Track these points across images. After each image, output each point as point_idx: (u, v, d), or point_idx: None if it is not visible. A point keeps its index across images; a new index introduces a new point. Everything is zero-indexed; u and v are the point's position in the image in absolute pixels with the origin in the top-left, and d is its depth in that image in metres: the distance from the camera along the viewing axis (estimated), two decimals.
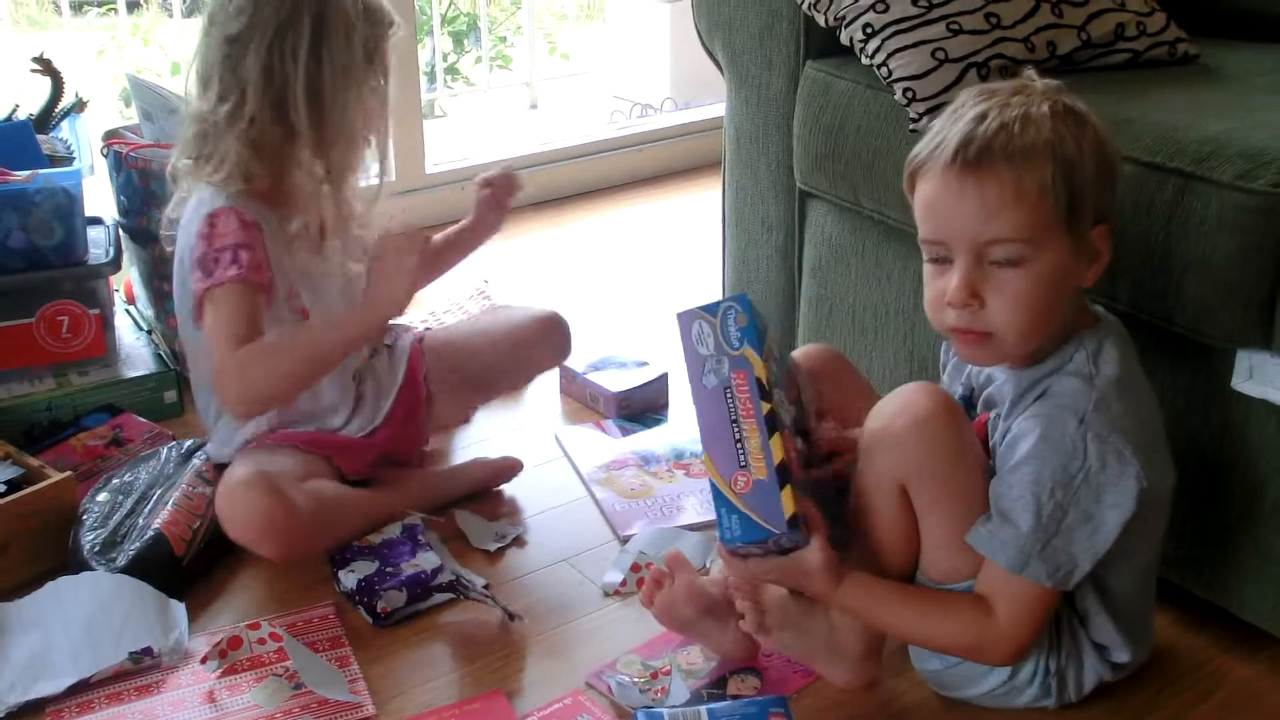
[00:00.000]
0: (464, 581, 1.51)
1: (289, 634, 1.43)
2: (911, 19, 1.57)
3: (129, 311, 2.15)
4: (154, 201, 1.94)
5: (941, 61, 1.54)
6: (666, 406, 2.04)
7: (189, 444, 1.74)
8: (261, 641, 1.43)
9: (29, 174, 1.80)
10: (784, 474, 1.19)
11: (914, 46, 1.56)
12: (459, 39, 4.38)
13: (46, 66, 2.12)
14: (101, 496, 1.62)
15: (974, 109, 1.22)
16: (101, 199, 2.11)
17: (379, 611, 1.49)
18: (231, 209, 1.51)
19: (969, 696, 1.35)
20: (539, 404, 2.06)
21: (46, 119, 2.11)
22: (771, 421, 1.20)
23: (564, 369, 2.08)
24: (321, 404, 1.68)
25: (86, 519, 1.57)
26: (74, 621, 1.43)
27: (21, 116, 2.06)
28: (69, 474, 1.62)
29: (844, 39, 1.65)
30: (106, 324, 1.94)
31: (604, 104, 3.68)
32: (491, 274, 2.44)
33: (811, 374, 1.43)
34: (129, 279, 2.18)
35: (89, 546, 1.52)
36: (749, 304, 1.24)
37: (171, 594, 1.50)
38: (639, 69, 3.73)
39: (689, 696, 1.37)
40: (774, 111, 1.85)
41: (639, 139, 3.22)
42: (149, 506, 1.59)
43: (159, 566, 1.51)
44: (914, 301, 1.66)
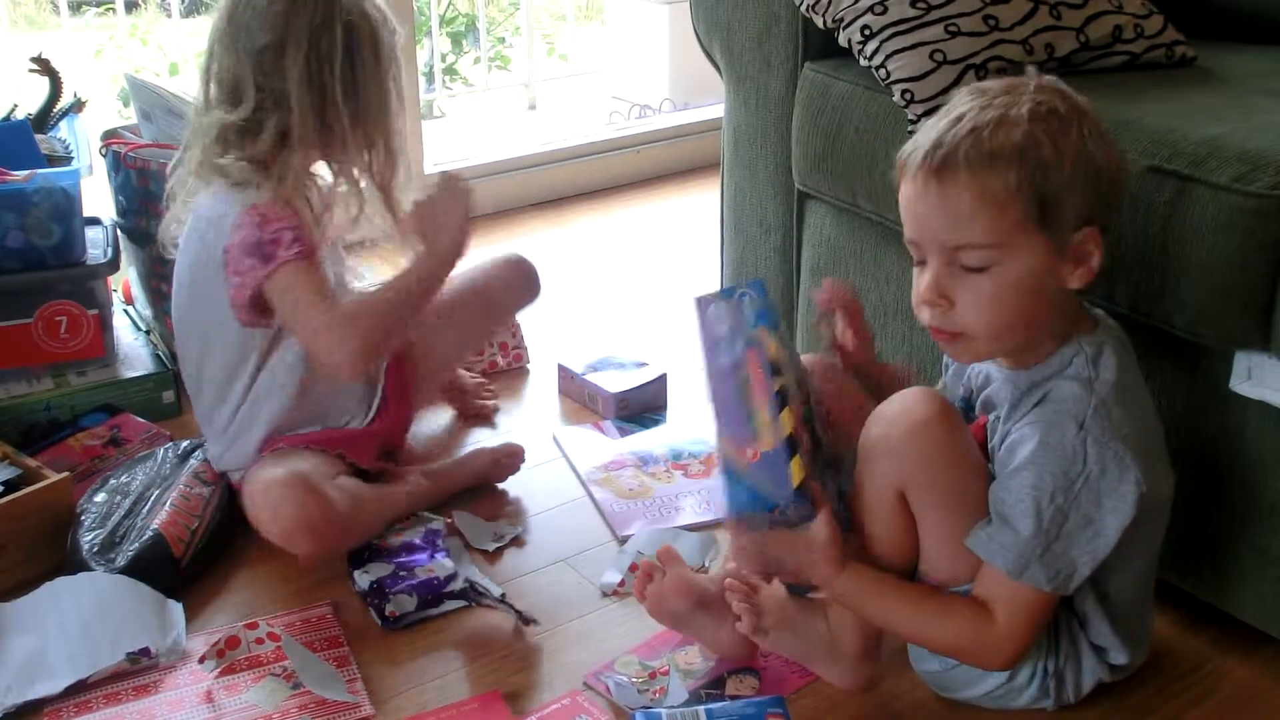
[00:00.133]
0: (478, 589, 1.52)
1: (287, 634, 1.43)
2: (910, 21, 1.57)
3: (127, 312, 2.15)
4: (152, 202, 1.94)
5: (940, 63, 1.54)
6: (665, 407, 2.04)
7: (186, 444, 1.74)
8: (259, 641, 1.43)
9: (27, 174, 1.80)
10: (792, 445, 1.21)
11: (912, 48, 1.56)
12: (457, 40, 4.38)
13: (45, 66, 2.11)
14: (99, 497, 1.61)
15: (956, 110, 1.22)
16: (100, 199, 2.11)
17: (387, 614, 1.49)
18: (271, 201, 1.56)
19: (968, 698, 1.35)
20: (537, 404, 2.06)
21: (45, 119, 2.11)
22: (781, 397, 1.23)
23: (562, 369, 2.08)
24: (339, 401, 1.69)
25: (85, 519, 1.57)
26: (71, 622, 1.43)
27: (20, 116, 2.06)
28: (66, 475, 1.61)
29: (842, 41, 1.65)
30: (105, 324, 1.94)
31: (602, 105, 3.68)
32: None
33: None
34: (127, 279, 2.18)
35: (87, 547, 1.52)
36: (764, 289, 1.29)
37: (169, 594, 1.50)
38: (637, 70, 3.73)
39: (687, 697, 1.37)
40: (772, 113, 1.85)
41: (637, 140, 3.21)
42: (147, 507, 1.59)
43: (157, 567, 1.51)
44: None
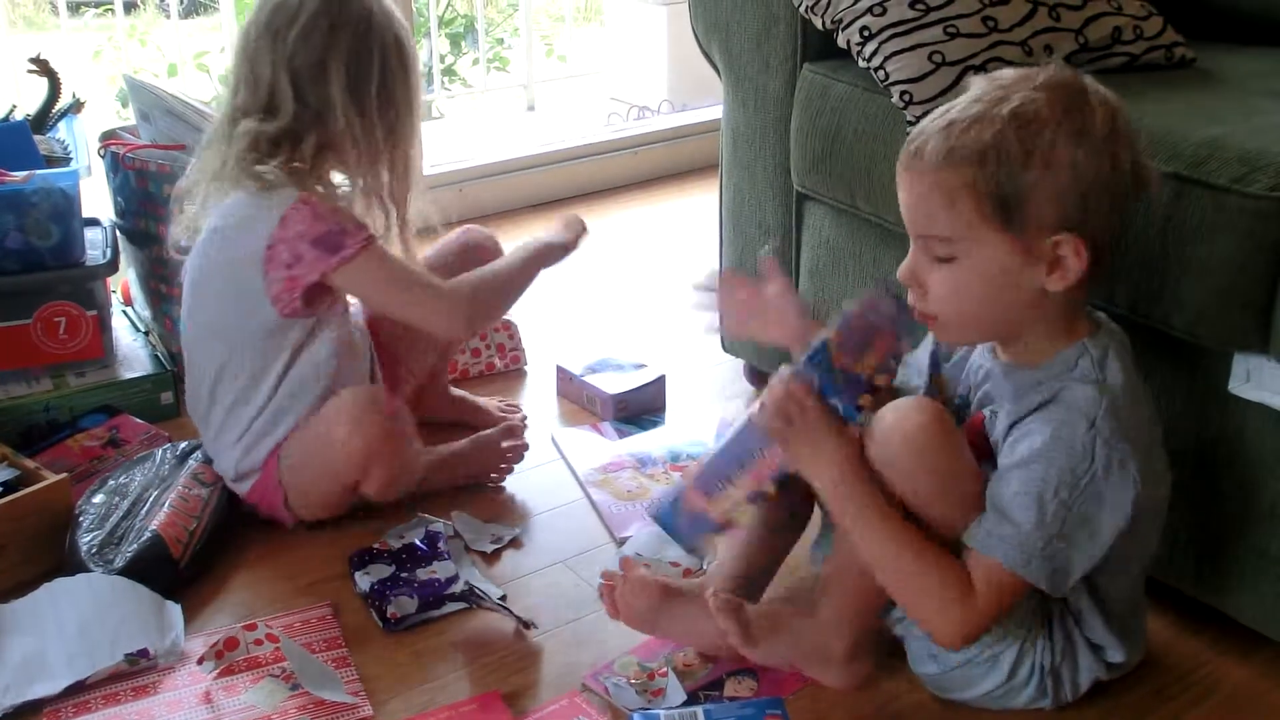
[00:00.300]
0: (478, 592, 1.52)
1: (286, 635, 1.43)
2: (909, 22, 1.57)
3: (126, 313, 2.15)
4: (151, 203, 1.94)
5: (939, 65, 1.54)
6: (663, 409, 2.04)
7: (184, 445, 1.74)
8: (258, 642, 1.43)
9: (26, 175, 1.80)
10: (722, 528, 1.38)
11: (911, 49, 1.56)
12: (456, 41, 4.38)
13: (43, 67, 2.11)
14: (98, 498, 1.61)
15: (956, 100, 1.25)
16: (99, 200, 2.11)
17: (388, 616, 1.49)
18: (316, 196, 1.59)
19: (966, 699, 1.35)
20: (536, 406, 2.05)
21: (44, 120, 2.11)
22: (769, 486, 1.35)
23: (561, 371, 2.08)
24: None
25: (83, 520, 1.57)
26: (70, 623, 1.43)
27: (19, 117, 2.06)
28: (65, 475, 1.61)
29: (841, 42, 1.65)
30: (104, 325, 1.93)
31: (601, 106, 3.68)
32: None
33: None
34: (126, 280, 2.18)
35: (86, 548, 1.52)
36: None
37: (168, 595, 1.50)
38: (636, 71, 3.73)
39: (685, 698, 1.37)
40: (771, 114, 1.85)
41: (636, 141, 3.21)
42: (145, 508, 1.59)
43: (156, 568, 1.51)
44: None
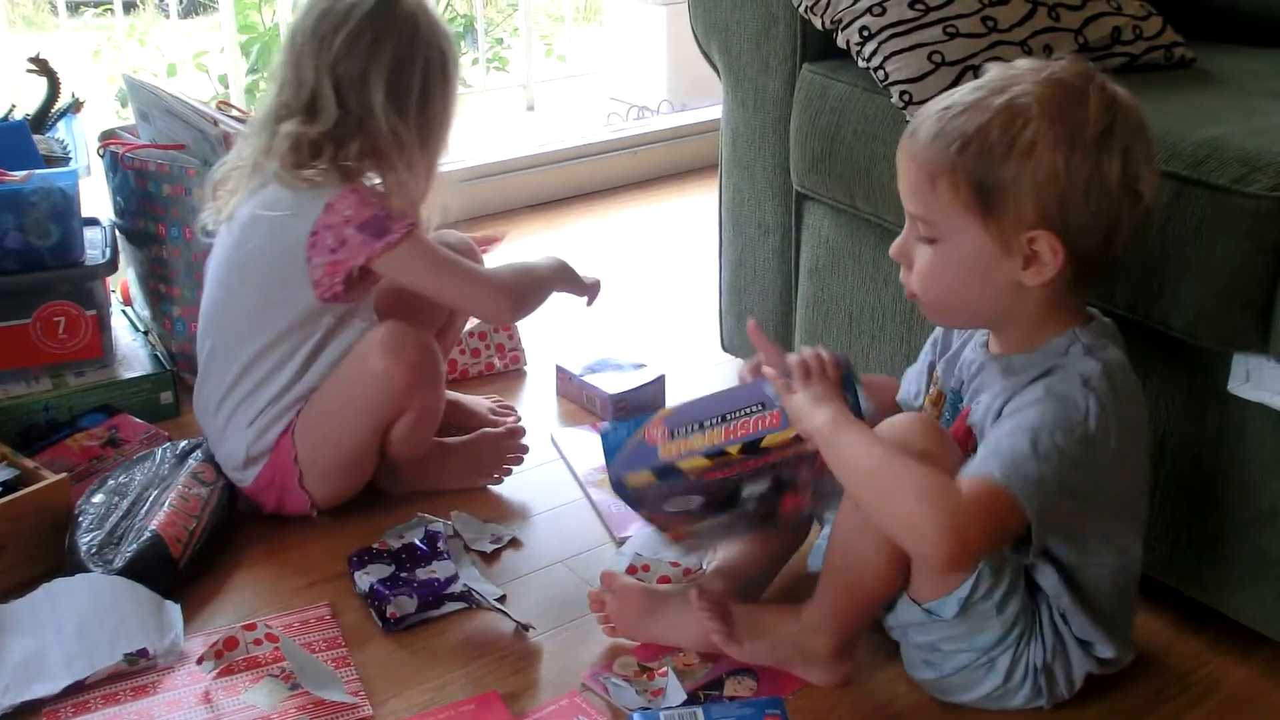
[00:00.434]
0: (477, 592, 1.52)
1: (285, 634, 1.43)
2: (908, 22, 1.58)
3: (125, 313, 2.15)
4: (150, 202, 1.94)
5: (938, 65, 1.54)
6: (663, 408, 2.03)
7: (184, 445, 1.74)
8: (258, 642, 1.43)
9: (25, 174, 1.80)
10: (669, 473, 1.38)
11: (911, 50, 1.56)
12: (455, 41, 4.38)
13: (43, 67, 2.11)
14: (97, 498, 1.61)
15: (966, 84, 1.27)
16: (98, 200, 2.11)
17: (388, 616, 1.49)
18: (362, 186, 1.63)
19: (964, 701, 1.36)
20: (535, 406, 2.05)
21: (43, 119, 2.11)
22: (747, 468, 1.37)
23: (560, 371, 2.08)
24: None
25: (83, 520, 1.57)
26: (69, 623, 1.43)
27: (18, 117, 2.06)
28: (64, 475, 1.61)
29: (841, 42, 1.65)
30: (103, 325, 1.93)
31: (601, 106, 3.68)
32: None
33: None
34: (125, 280, 2.18)
35: (85, 548, 1.52)
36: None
37: (167, 595, 1.50)
38: (636, 71, 3.73)
39: (685, 698, 1.37)
40: (771, 114, 1.85)
41: (635, 141, 3.21)
42: (145, 508, 1.59)
43: (155, 568, 1.51)
44: (911, 304, 1.66)
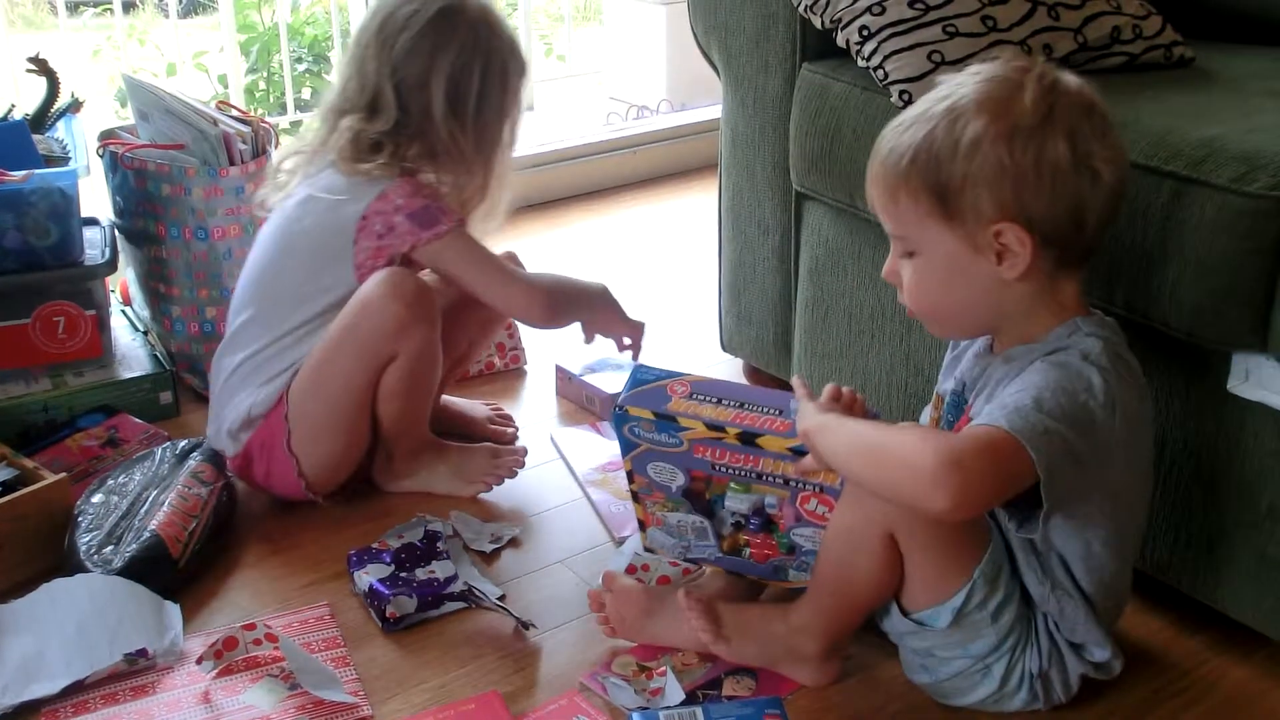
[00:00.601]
0: (476, 592, 1.52)
1: (285, 634, 1.43)
2: (908, 21, 1.58)
3: (125, 312, 2.15)
4: (150, 202, 1.94)
5: (938, 64, 1.54)
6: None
7: (184, 445, 1.74)
8: (257, 642, 1.43)
9: (25, 174, 1.80)
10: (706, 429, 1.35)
11: (910, 49, 1.56)
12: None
13: (42, 66, 2.11)
14: (96, 498, 1.61)
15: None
16: (97, 200, 2.11)
17: (388, 616, 1.49)
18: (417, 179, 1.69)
19: (961, 704, 1.36)
20: (535, 406, 2.06)
21: (42, 119, 2.11)
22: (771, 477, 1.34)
23: (560, 371, 2.08)
24: None
25: (82, 520, 1.57)
26: (68, 623, 1.43)
27: (17, 116, 2.06)
28: (64, 475, 1.61)
29: (840, 41, 1.65)
30: (102, 325, 1.93)
31: (600, 106, 3.68)
32: None
33: None
34: (125, 280, 2.18)
35: (85, 548, 1.52)
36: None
37: (167, 595, 1.50)
38: (635, 71, 3.73)
39: (684, 697, 1.37)
40: (770, 114, 1.85)
41: (635, 141, 3.21)
42: (144, 508, 1.59)
43: (155, 568, 1.51)
44: None
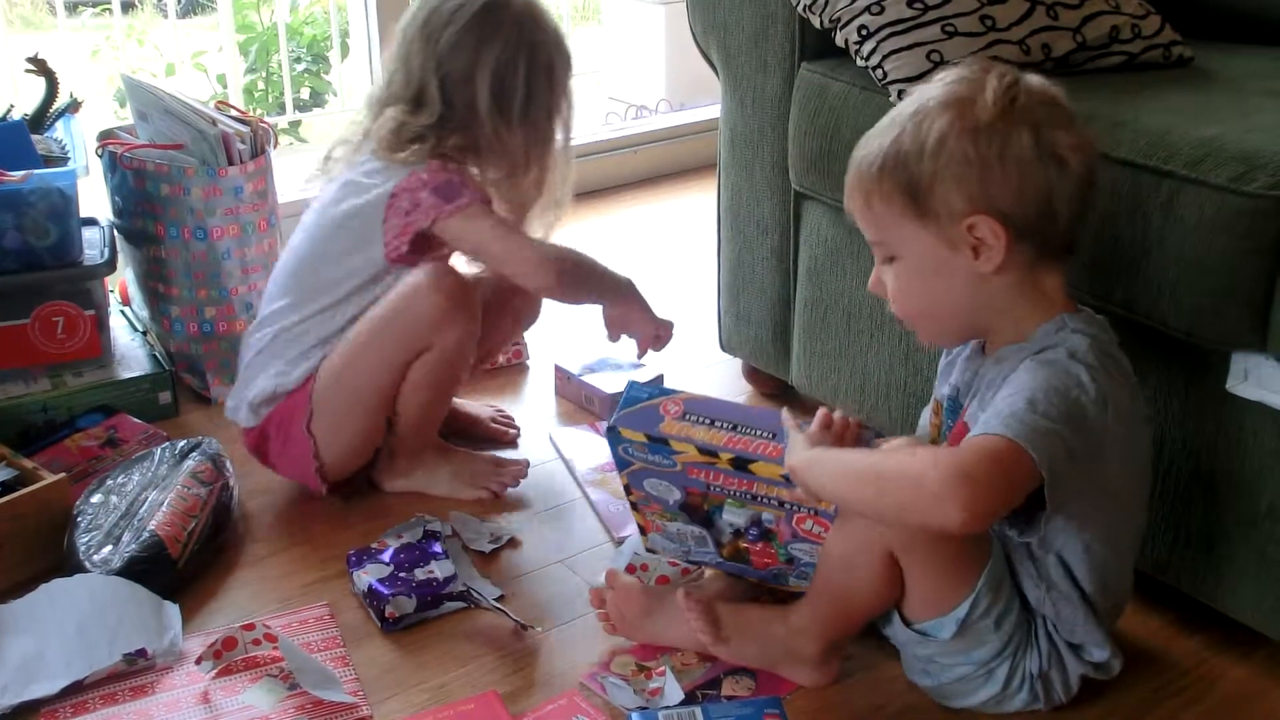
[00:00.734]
0: (475, 592, 1.52)
1: (284, 634, 1.43)
2: (907, 21, 1.57)
3: (124, 313, 2.15)
4: (149, 202, 1.94)
5: (937, 64, 1.54)
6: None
7: (183, 445, 1.74)
8: (256, 642, 1.43)
9: (24, 174, 1.80)
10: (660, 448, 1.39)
11: (909, 49, 1.56)
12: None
13: (41, 67, 2.11)
14: (96, 498, 1.61)
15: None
16: (97, 200, 2.11)
17: (387, 616, 1.49)
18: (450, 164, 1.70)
19: (962, 706, 1.36)
20: (535, 406, 2.06)
21: (41, 119, 2.10)
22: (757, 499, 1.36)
23: (559, 371, 2.08)
24: None
25: (81, 521, 1.57)
26: (68, 623, 1.43)
27: (16, 117, 2.06)
28: (63, 475, 1.61)
29: (839, 41, 1.65)
30: (101, 325, 1.93)
31: (599, 105, 3.68)
32: None
33: None
34: (124, 280, 2.18)
35: (84, 548, 1.52)
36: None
37: (166, 595, 1.49)
38: (634, 70, 3.72)
39: (683, 697, 1.37)
40: (769, 113, 1.85)
41: (634, 140, 3.21)
42: (144, 508, 1.59)
43: (154, 568, 1.51)
44: None
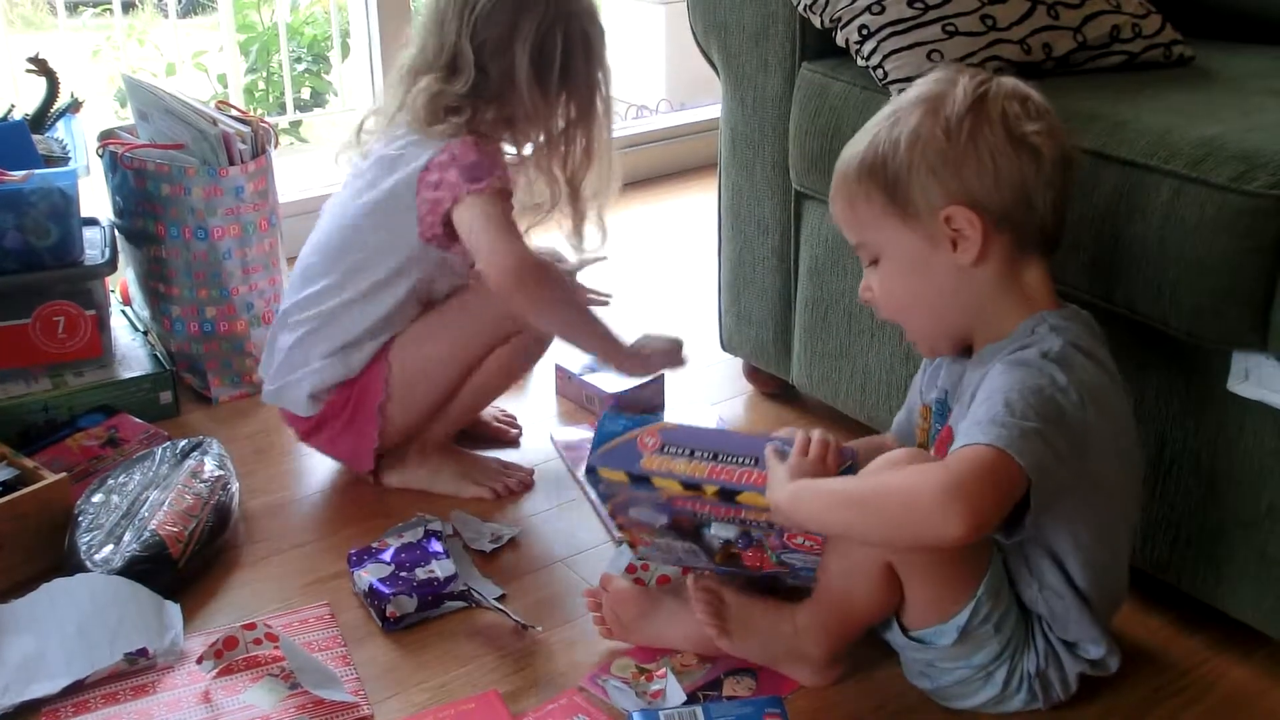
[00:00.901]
0: (476, 592, 1.52)
1: (285, 634, 1.43)
2: (907, 21, 1.57)
3: (125, 312, 2.15)
4: (150, 202, 1.94)
5: (937, 63, 1.54)
6: (662, 408, 2.03)
7: (184, 444, 1.74)
8: (258, 642, 1.43)
9: (24, 174, 1.80)
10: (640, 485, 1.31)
11: (910, 48, 1.56)
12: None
13: (42, 67, 2.11)
14: (96, 498, 1.61)
15: None
16: (97, 200, 2.11)
17: (388, 615, 1.49)
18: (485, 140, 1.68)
19: (962, 707, 1.36)
20: (535, 405, 2.06)
21: (42, 119, 2.11)
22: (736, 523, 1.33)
23: (560, 370, 2.08)
24: None
25: (82, 520, 1.57)
26: (69, 623, 1.43)
27: (17, 117, 2.06)
28: (64, 475, 1.61)
29: (840, 40, 1.65)
30: (102, 325, 1.94)
31: None
32: None
33: None
34: (125, 280, 2.18)
35: (85, 548, 1.52)
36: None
37: (167, 595, 1.50)
38: (635, 70, 3.72)
39: (684, 698, 1.37)
40: (770, 113, 1.85)
41: (635, 140, 3.20)
42: (144, 508, 1.59)
43: (155, 567, 1.51)
44: None
